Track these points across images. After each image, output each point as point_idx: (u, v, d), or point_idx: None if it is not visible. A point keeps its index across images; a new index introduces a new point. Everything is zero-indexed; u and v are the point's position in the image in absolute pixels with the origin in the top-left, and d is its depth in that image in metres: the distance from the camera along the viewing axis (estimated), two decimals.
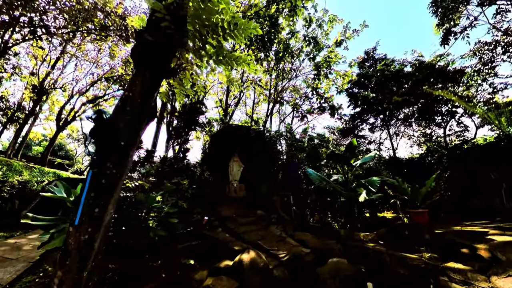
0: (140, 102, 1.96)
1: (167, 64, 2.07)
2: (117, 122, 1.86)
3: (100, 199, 1.70)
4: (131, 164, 1.98)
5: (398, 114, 11.73)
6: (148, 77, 1.99)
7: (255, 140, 8.71)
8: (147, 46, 1.93)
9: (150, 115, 2.10)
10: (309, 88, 14.98)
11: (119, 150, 1.82)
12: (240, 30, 1.87)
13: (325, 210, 7.93)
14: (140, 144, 3.20)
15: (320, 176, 6.98)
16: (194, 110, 3.27)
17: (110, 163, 1.76)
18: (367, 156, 7.03)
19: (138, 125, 1.96)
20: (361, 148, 12.66)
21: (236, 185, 8.23)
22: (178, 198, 5.16)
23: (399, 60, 11.93)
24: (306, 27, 12.78)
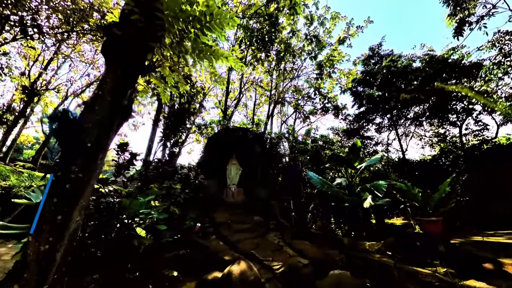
0: (111, 101, 1.89)
1: (140, 60, 2.00)
2: (85, 122, 1.79)
3: (64, 205, 1.62)
4: (102, 167, 1.91)
5: (407, 113, 11.34)
6: (120, 74, 1.93)
7: (254, 142, 8.62)
8: (117, 41, 1.87)
9: (123, 115, 2.03)
10: (311, 88, 14.87)
11: (86, 152, 1.75)
12: (217, 21, 1.80)
13: (328, 216, 7.72)
14: (125, 147, 3.14)
15: (322, 180, 6.80)
16: (182, 111, 3.21)
17: (76, 166, 1.69)
18: (373, 158, 6.83)
19: (108, 125, 1.89)
20: (367, 149, 12.40)
21: (234, 189, 8.12)
22: (171, 203, 5.08)
23: (406, 55, 11.58)
24: (307, 25, 12.74)
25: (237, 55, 13.43)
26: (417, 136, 12.80)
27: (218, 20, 1.79)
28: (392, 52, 12.25)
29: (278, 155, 9.41)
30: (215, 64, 2.07)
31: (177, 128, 3.38)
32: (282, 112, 16.57)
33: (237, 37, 13.14)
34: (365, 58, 13.22)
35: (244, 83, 14.70)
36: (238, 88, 13.61)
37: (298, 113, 15.37)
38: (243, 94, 14.27)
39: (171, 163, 3.12)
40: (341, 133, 13.38)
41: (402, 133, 12.35)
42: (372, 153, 12.15)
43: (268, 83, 15.16)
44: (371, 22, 13.34)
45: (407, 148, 12.04)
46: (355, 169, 6.26)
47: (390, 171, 10.08)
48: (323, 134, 14.65)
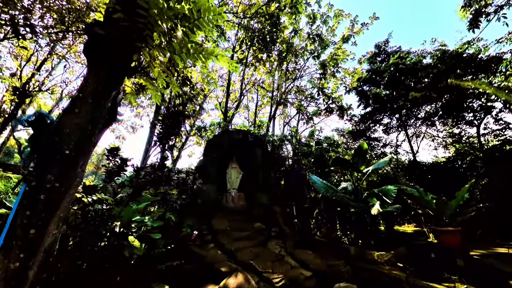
0: (92, 104, 1.81)
1: (125, 61, 1.92)
2: (63, 127, 1.70)
3: (38, 218, 1.53)
4: (83, 175, 1.82)
5: (418, 113, 10.99)
6: (103, 75, 1.85)
7: (255, 145, 8.52)
8: (99, 41, 1.80)
9: (106, 119, 1.95)
10: (315, 89, 14.73)
11: (64, 159, 1.66)
12: (205, 18, 1.72)
13: (333, 222, 7.52)
14: (116, 152, 3.07)
15: (326, 185, 6.63)
16: (177, 114, 3.13)
17: (52, 175, 1.60)
18: (381, 161, 6.60)
19: (90, 130, 1.80)
20: (374, 151, 12.11)
21: (234, 194, 8.01)
22: (166, 210, 4.98)
23: (416, 51, 11.21)
24: (310, 24, 12.67)
25: (237, 55, 13.49)
26: (429, 137, 12.35)
27: (206, 17, 1.71)
28: (400, 48, 11.95)
29: (281, 158, 9.27)
30: (207, 63, 1.98)
31: (172, 132, 3.31)
32: (285, 113, 16.47)
33: (238, 38, 13.15)
34: (371, 56, 13.03)
35: (245, 84, 14.65)
36: (239, 89, 13.55)
37: (301, 114, 15.23)
38: (244, 95, 14.23)
39: (163, 169, 3.04)
40: (346, 135, 13.14)
41: (412, 133, 11.96)
42: (380, 155, 11.85)
43: (270, 84, 15.10)
44: (377, 19, 13.19)
45: (418, 150, 11.67)
46: (362, 173, 6.07)
47: (399, 174, 9.77)
48: (328, 136, 14.45)
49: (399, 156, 12.05)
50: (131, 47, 1.91)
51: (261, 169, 8.55)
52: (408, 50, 11.49)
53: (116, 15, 1.72)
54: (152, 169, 3.12)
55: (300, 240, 5.87)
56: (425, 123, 11.17)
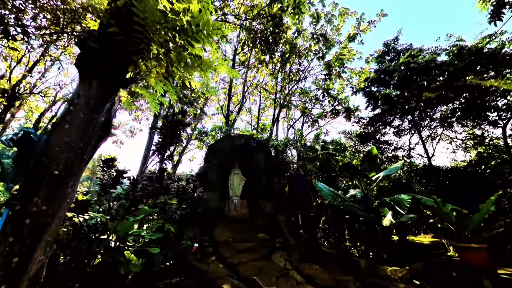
0: (84, 118, 1.76)
1: (120, 73, 1.87)
2: (52, 145, 1.65)
3: (22, 245, 1.47)
4: (74, 195, 1.76)
5: (432, 113, 10.55)
6: (96, 87, 1.80)
7: (257, 150, 8.44)
8: (93, 54, 1.75)
9: (100, 134, 1.89)
10: (319, 90, 14.62)
11: (53, 180, 1.60)
12: (204, 31, 1.66)
13: (341, 231, 7.34)
14: (112, 163, 3.02)
15: (333, 192, 6.48)
16: (176, 123, 3.09)
17: (38, 197, 1.54)
18: (393, 167, 6.37)
19: (82, 147, 1.74)
20: (385, 154, 11.82)
21: (236, 202, 7.93)
22: (165, 221, 4.92)
23: (428, 49, 10.78)
24: (313, 24, 12.63)
25: (239, 57, 13.50)
26: (446, 139, 11.78)
27: (205, 31, 1.66)
28: (411, 46, 11.64)
29: (285, 163, 9.15)
30: (206, 75, 1.93)
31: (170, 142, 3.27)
32: (289, 116, 16.36)
33: (240, 39, 13.17)
34: (379, 55, 12.85)
35: (247, 87, 14.62)
36: (241, 92, 13.52)
37: (305, 116, 15.09)
38: (246, 98, 14.19)
39: (162, 180, 2.98)
40: (354, 137, 12.93)
41: (426, 136, 11.44)
42: (391, 158, 11.58)
43: (273, 85, 15.05)
44: (385, 16, 13.07)
45: (434, 153, 10.96)
46: (371, 180, 5.91)
47: (414, 180, 9.45)
48: (334, 139, 14.27)
49: (412, 159, 11.58)
50: (126, 59, 1.86)
51: (264, 175, 8.46)
52: (420, 47, 11.11)
53: (111, 29, 1.67)
54: (150, 181, 3.06)
55: (306, 252, 5.73)
56: (441, 124, 10.63)
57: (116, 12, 1.66)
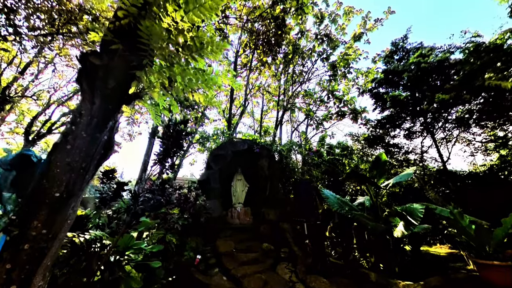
0: (87, 138, 1.77)
1: (123, 89, 1.89)
2: (52, 167, 1.66)
3: (20, 271, 1.48)
4: (75, 215, 1.77)
5: (447, 115, 10.10)
6: (99, 105, 1.82)
7: (261, 155, 8.43)
8: (95, 71, 1.77)
9: (102, 154, 1.91)
10: (324, 91, 14.58)
11: (53, 203, 1.62)
12: (208, 49, 1.68)
13: (349, 240, 7.26)
14: (112, 175, 3.05)
15: (340, 200, 6.44)
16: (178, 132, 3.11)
17: (38, 221, 1.56)
18: (404, 174, 6.26)
19: (84, 168, 1.76)
20: (395, 156, 11.61)
21: (240, 209, 7.93)
22: (167, 232, 4.92)
23: (441, 47, 10.40)
24: (317, 24, 12.61)
25: (241, 60, 13.54)
26: (463, 141, 11.20)
27: (209, 48, 1.68)
28: (422, 44, 11.34)
29: (289, 168, 9.12)
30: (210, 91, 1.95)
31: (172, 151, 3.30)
32: (293, 119, 16.33)
33: (242, 41, 13.25)
34: (387, 54, 12.76)
35: (250, 89, 14.65)
36: (244, 95, 13.55)
37: (310, 119, 15.05)
38: (248, 101, 14.22)
39: (164, 192, 3.00)
40: (362, 140, 12.80)
41: (441, 138, 10.92)
42: (401, 162, 11.40)
43: (276, 87, 15.06)
44: (393, 13, 13.00)
45: (450, 156, 10.43)
46: (381, 188, 5.86)
47: (427, 186, 9.19)
48: (340, 141, 14.16)
49: (425, 163, 11.18)
50: (130, 75, 1.88)
51: (268, 181, 8.45)
52: (431, 46, 10.80)
53: (114, 47, 1.69)
54: (152, 193, 3.07)
55: (312, 263, 5.68)
56: (457, 125, 10.14)
57: (120, 29, 1.68)
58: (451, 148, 10.83)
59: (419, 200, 5.72)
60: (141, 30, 1.53)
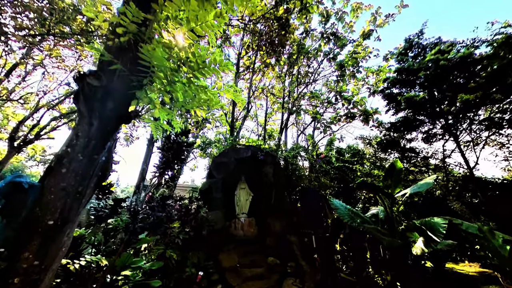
0: (84, 160, 1.77)
1: (122, 108, 1.89)
2: (46, 193, 1.66)
3: None
4: (70, 242, 1.77)
5: (473, 115, 9.52)
6: (97, 127, 1.82)
7: (265, 162, 8.38)
8: (93, 92, 1.78)
9: (100, 175, 1.91)
10: (331, 92, 14.48)
11: (47, 231, 1.61)
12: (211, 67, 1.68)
13: (362, 255, 7.12)
14: (108, 190, 3.04)
15: (351, 211, 6.32)
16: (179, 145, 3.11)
17: (30, 252, 1.54)
18: (422, 183, 5.91)
19: (80, 192, 1.75)
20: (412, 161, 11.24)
21: (244, 220, 7.86)
22: (166, 247, 4.91)
23: (463, 41, 9.85)
24: (323, 23, 12.59)
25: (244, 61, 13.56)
26: (495, 144, 10.56)
27: (212, 67, 1.67)
28: (440, 40, 10.93)
29: (295, 175, 9.04)
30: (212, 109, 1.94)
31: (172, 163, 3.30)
32: (299, 122, 16.24)
33: (244, 42, 13.28)
34: (400, 51, 12.54)
35: (253, 91, 14.63)
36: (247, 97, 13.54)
37: (317, 122, 14.95)
38: (252, 104, 14.21)
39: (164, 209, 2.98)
40: (374, 144, 12.59)
41: (467, 141, 10.29)
42: (420, 167, 11.05)
43: (280, 89, 15.03)
44: (406, 7, 12.84)
45: (478, 161, 9.69)
46: (396, 199, 5.73)
47: (451, 195, 8.67)
48: (351, 145, 13.98)
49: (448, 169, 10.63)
50: (129, 95, 1.88)
51: (273, 190, 8.37)
52: (452, 41, 10.29)
53: (114, 67, 1.69)
54: (152, 210, 3.06)
55: (321, 280, 5.58)
56: (486, 127, 9.49)
57: (119, 48, 1.69)
58: (479, 152, 10.04)
59: (441, 212, 5.44)
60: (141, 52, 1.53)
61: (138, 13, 1.69)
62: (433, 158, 11.09)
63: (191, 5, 1.46)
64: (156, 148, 3.64)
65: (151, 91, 1.89)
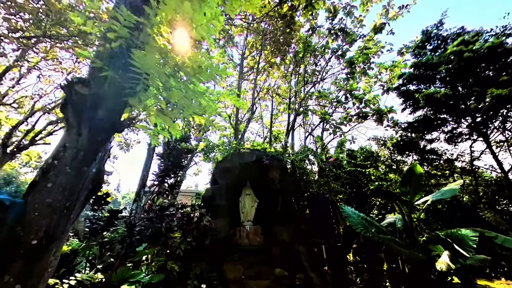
0: (72, 173, 1.72)
1: (114, 118, 1.84)
2: (30, 210, 1.62)
3: None
4: (56, 262, 1.72)
5: (506, 111, 8.90)
6: (86, 137, 1.77)
7: (271, 167, 8.26)
8: (82, 100, 1.74)
9: (90, 188, 1.86)
10: (341, 91, 14.23)
11: (29, 252, 1.56)
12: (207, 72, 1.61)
13: (378, 267, 6.90)
14: (104, 201, 3.01)
15: (364, 219, 6.14)
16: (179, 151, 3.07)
17: (10, 276, 1.50)
18: (446, 189, 5.49)
19: (67, 207, 1.70)
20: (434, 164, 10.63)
21: (249, 228, 7.76)
22: (167, 258, 4.86)
23: (491, 30, 9.29)
24: (330, 18, 12.40)
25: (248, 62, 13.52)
26: None
27: (208, 72, 1.61)
28: (463, 29, 10.36)
29: (303, 181, 8.88)
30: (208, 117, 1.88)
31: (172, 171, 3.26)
32: (307, 123, 16.04)
33: (248, 42, 13.23)
34: (417, 44, 12.07)
35: (257, 92, 14.56)
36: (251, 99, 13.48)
37: (325, 123, 14.72)
38: (256, 106, 14.12)
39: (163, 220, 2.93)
40: (390, 145, 12.21)
41: (499, 141, 9.71)
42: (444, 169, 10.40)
43: (286, 89, 14.91)
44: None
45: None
46: (415, 208, 5.50)
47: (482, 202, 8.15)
48: (363, 146, 13.66)
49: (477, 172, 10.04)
50: (122, 102, 1.83)
51: (280, 195, 8.24)
52: (477, 30, 9.71)
53: (104, 74, 1.65)
54: (150, 221, 3.01)
55: None
56: None
57: (110, 54, 1.64)
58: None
59: (470, 221, 5.07)
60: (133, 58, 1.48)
61: (130, 17, 1.64)
62: (459, 160, 10.51)
63: (184, 7, 1.40)
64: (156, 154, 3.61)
65: (146, 98, 1.84)
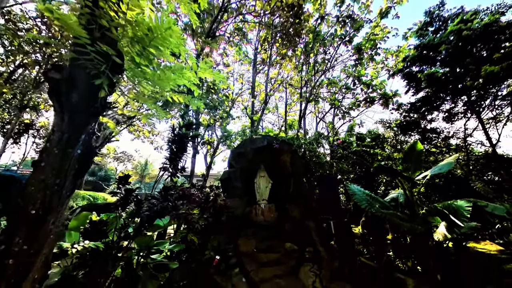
0: (59, 154, 1.71)
1: (88, 102, 1.79)
2: (29, 185, 1.64)
3: (7, 285, 1.50)
4: (57, 230, 1.75)
5: (497, 90, 8.48)
6: (67, 121, 1.74)
7: (282, 151, 8.00)
8: (58, 85, 1.69)
9: (77, 169, 1.84)
10: (350, 78, 13.21)
11: (31, 220, 1.59)
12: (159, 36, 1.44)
13: (383, 239, 6.38)
14: (125, 181, 3.08)
15: (369, 196, 5.66)
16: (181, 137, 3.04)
17: (19, 238, 1.56)
18: (444, 164, 5.11)
19: (58, 183, 1.71)
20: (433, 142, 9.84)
21: (264, 206, 7.66)
22: (188, 231, 4.98)
23: (487, 8, 8.54)
24: (338, 5, 11.42)
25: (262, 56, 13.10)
26: None
27: (160, 35, 1.44)
28: (462, 9, 9.42)
29: (313, 162, 8.49)
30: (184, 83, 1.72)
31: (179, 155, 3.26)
32: (317, 109, 15.29)
33: (260, 37, 12.81)
34: (420, 26, 10.78)
35: (272, 84, 14.16)
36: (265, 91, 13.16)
37: (335, 108, 13.87)
38: (269, 97, 13.73)
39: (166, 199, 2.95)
40: (394, 127, 11.20)
41: (489, 118, 9.32)
42: (442, 147, 9.60)
43: (298, 79, 14.31)
44: None
45: (499, 139, 8.81)
46: (416, 182, 4.92)
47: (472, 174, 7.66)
48: (371, 129, 12.80)
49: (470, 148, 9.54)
50: (93, 85, 1.76)
51: (291, 177, 7.98)
52: (475, 9, 8.89)
53: (66, 56, 1.58)
54: (157, 200, 3.04)
55: (339, 267, 5.10)
56: (510, 102, 8.51)
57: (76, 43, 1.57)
58: (501, 129, 9.06)
59: (464, 192, 4.68)
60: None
61: None
62: (455, 137, 9.78)
63: None
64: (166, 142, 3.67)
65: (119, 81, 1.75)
